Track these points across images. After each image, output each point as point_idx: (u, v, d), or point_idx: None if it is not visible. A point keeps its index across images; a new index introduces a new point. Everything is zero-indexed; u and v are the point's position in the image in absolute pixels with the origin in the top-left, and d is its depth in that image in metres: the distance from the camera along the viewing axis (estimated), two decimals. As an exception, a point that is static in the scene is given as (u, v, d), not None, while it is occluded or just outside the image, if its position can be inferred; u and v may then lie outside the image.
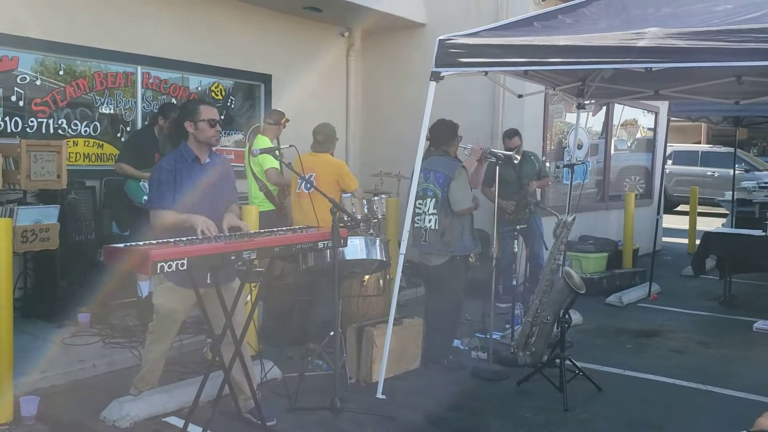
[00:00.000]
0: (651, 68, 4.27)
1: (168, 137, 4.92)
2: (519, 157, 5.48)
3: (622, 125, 10.73)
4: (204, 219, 3.69)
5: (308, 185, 5.13)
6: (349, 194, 5.69)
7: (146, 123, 6.69)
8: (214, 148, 4.01)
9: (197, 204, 3.80)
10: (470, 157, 5.29)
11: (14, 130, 6.01)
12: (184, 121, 3.89)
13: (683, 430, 4.26)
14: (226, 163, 4.16)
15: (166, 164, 3.86)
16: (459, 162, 5.20)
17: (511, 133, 6.94)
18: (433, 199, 5.11)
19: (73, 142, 6.42)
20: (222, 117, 6.85)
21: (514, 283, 5.99)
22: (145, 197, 4.80)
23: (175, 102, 6.97)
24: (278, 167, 6.10)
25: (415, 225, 5.10)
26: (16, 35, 5.89)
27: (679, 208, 16.84)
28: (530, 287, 6.05)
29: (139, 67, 6.91)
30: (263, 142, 6.20)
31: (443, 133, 5.30)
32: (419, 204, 5.09)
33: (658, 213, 9.39)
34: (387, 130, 8.96)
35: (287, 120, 6.49)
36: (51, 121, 6.29)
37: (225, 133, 7.68)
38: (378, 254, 5.03)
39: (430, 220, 5.12)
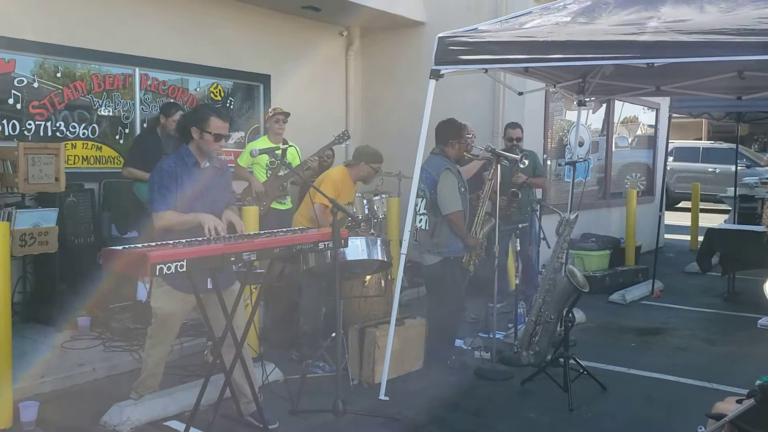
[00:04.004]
0: (653, 64, 4.23)
1: (172, 136, 4.79)
2: (527, 162, 5.45)
3: (622, 122, 10.70)
4: (211, 217, 3.68)
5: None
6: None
7: (145, 126, 6.65)
8: None
9: (197, 206, 3.79)
10: (476, 160, 5.33)
11: (12, 133, 5.97)
12: (191, 126, 3.84)
13: (689, 428, 4.19)
14: (224, 166, 4.15)
15: (167, 167, 3.82)
16: (447, 163, 5.16)
17: (514, 125, 6.91)
18: (424, 200, 5.10)
19: (72, 144, 6.38)
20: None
21: (517, 282, 5.93)
22: None
23: (174, 101, 6.92)
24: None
25: (414, 224, 5.08)
26: (12, 38, 5.84)
27: (680, 205, 16.79)
28: (521, 288, 6.01)
29: (137, 69, 6.87)
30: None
31: (443, 132, 5.28)
32: (417, 202, 5.07)
33: (660, 210, 9.34)
34: (387, 129, 8.91)
35: (271, 114, 6.23)
36: (49, 123, 6.24)
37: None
38: (379, 254, 4.99)
39: (420, 220, 5.12)
